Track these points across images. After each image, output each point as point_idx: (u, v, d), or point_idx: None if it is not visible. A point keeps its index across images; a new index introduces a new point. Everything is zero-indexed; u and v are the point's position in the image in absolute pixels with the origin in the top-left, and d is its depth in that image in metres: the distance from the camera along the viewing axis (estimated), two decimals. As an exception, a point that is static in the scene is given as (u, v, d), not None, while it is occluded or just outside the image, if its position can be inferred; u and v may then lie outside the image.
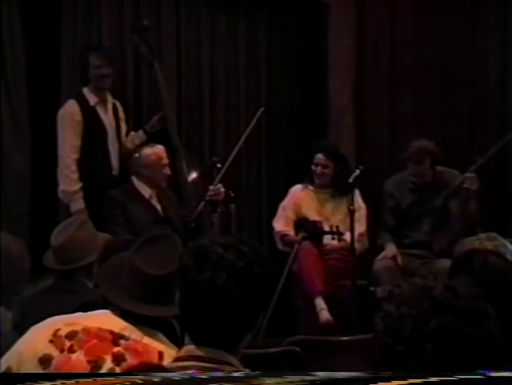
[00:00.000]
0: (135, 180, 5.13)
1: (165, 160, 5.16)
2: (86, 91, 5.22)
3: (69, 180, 5.07)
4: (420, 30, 6.43)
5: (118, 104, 5.39)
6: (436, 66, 6.44)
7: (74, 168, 5.07)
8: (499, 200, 6.45)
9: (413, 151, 5.28)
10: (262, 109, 5.41)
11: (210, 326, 1.82)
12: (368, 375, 1.57)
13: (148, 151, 5.18)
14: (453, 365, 1.49)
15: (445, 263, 4.79)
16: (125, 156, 5.28)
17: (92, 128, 5.15)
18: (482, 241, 2.96)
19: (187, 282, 1.83)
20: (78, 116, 5.10)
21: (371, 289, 5.22)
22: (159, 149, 5.18)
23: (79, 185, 5.07)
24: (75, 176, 5.07)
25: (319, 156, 5.42)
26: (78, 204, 5.05)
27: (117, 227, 4.81)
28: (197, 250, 1.85)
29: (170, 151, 5.32)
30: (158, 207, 5.14)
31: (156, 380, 1.71)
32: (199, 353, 1.81)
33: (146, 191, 5.12)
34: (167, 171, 5.16)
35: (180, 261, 1.87)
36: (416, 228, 5.36)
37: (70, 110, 5.12)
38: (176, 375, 1.74)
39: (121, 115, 5.39)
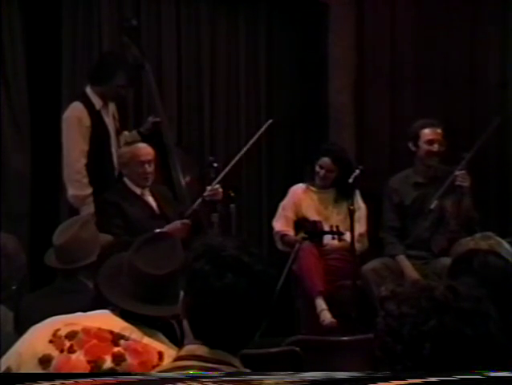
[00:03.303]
0: (125, 179, 5.10)
1: (144, 158, 5.00)
2: (90, 92, 5.11)
3: (80, 185, 5.02)
4: (419, 30, 6.42)
5: (114, 105, 5.35)
6: (436, 65, 6.44)
7: (84, 172, 5.01)
8: (498, 200, 6.45)
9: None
10: (270, 121, 5.41)
11: (225, 329, 1.81)
12: (368, 375, 1.58)
13: (123, 150, 5.11)
14: (451, 365, 1.49)
15: (446, 262, 4.80)
16: None
17: (98, 133, 5.09)
18: (478, 241, 2.96)
19: (204, 288, 1.81)
20: (86, 121, 5.02)
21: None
22: (136, 147, 5.07)
23: (90, 190, 5.03)
24: (86, 180, 5.02)
25: (325, 160, 5.40)
26: (89, 208, 5.01)
27: (115, 228, 4.77)
28: (212, 255, 1.83)
29: (164, 151, 5.30)
30: (153, 204, 5.11)
31: (154, 380, 1.71)
32: (200, 352, 1.81)
33: (137, 189, 5.09)
34: (146, 168, 5.00)
35: (191, 265, 1.84)
36: (417, 224, 5.36)
37: (77, 114, 5.03)
38: (174, 375, 1.74)
39: (115, 115, 5.35)
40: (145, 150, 5.05)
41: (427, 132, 5.34)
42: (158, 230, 4.81)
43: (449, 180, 5.20)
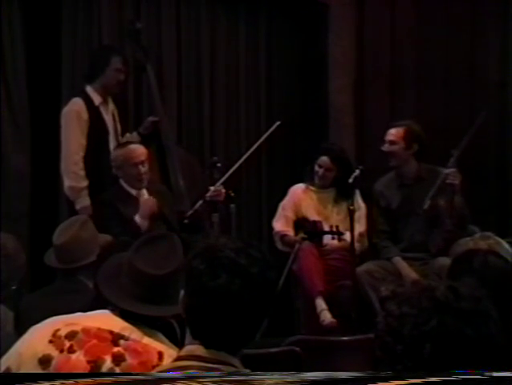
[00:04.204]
0: (121, 180, 5.08)
1: (137, 159, 4.96)
2: (89, 89, 5.17)
3: (77, 177, 5.05)
4: (420, 30, 6.43)
5: (114, 106, 5.37)
6: (436, 66, 6.44)
7: (81, 165, 5.06)
8: (498, 200, 6.45)
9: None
10: (277, 123, 5.40)
11: (220, 330, 1.81)
12: (368, 375, 1.57)
13: (117, 152, 5.09)
14: (452, 365, 1.49)
15: (444, 261, 4.80)
16: None
17: (96, 128, 5.14)
18: (477, 241, 2.96)
19: (198, 287, 1.81)
20: (85, 115, 5.08)
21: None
22: (129, 149, 5.03)
23: (86, 182, 5.07)
24: (83, 173, 5.06)
25: (324, 159, 5.40)
26: (84, 201, 5.05)
27: (112, 230, 4.76)
28: (209, 254, 1.83)
29: (162, 151, 5.30)
30: (150, 204, 5.11)
31: (154, 380, 1.71)
32: (200, 353, 1.81)
33: (132, 190, 5.07)
34: (140, 169, 4.97)
35: (189, 264, 1.85)
36: (408, 227, 5.33)
37: (76, 108, 5.09)
38: (175, 375, 1.74)
39: (116, 115, 5.37)
40: (138, 151, 5.03)
41: (387, 133, 5.34)
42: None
43: (439, 179, 5.17)
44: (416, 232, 5.31)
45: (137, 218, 4.91)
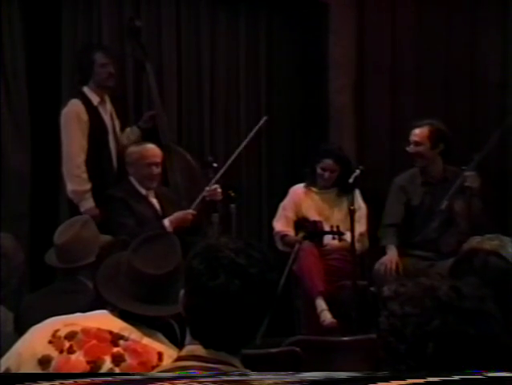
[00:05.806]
0: (131, 178, 5.10)
1: (151, 159, 5.02)
2: (87, 90, 5.19)
3: (80, 180, 5.05)
4: (420, 30, 6.42)
5: (112, 106, 5.36)
6: (437, 66, 6.43)
7: (84, 167, 5.06)
8: (498, 200, 6.44)
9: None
10: (264, 118, 5.42)
11: (219, 330, 1.81)
12: (368, 375, 1.57)
13: (132, 149, 5.11)
14: (454, 365, 1.49)
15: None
16: (121, 152, 5.25)
17: (96, 128, 5.15)
18: (482, 240, 2.95)
19: (197, 287, 1.81)
20: (84, 116, 5.09)
21: (372, 289, 5.20)
22: (145, 148, 5.07)
23: (89, 185, 5.07)
24: (86, 175, 5.06)
25: (328, 162, 5.40)
26: (88, 202, 5.05)
27: (123, 226, 4.77)
28: (208, 254, 1.83)
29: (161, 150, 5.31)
30: (157, 205, 5.12)
31: (154, 379, 1.71)
32: (200, 353, 1.81)
33: (142, 189, 5.09)
34: (153, 170, 5.02)
35: (189, 263, 1.85)
36: (425, 225, 5.32)
37: (76, 109, 5.09)
38: (174, 375, 1.74)
39: (113, 115, 5.37)
40: (153, 151, 5.07)
41: (412, 133, 5.33)
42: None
43: (458, 181, 5.17)
44: (431, 230, 5.30)
45: (166, 221, 4.94)
